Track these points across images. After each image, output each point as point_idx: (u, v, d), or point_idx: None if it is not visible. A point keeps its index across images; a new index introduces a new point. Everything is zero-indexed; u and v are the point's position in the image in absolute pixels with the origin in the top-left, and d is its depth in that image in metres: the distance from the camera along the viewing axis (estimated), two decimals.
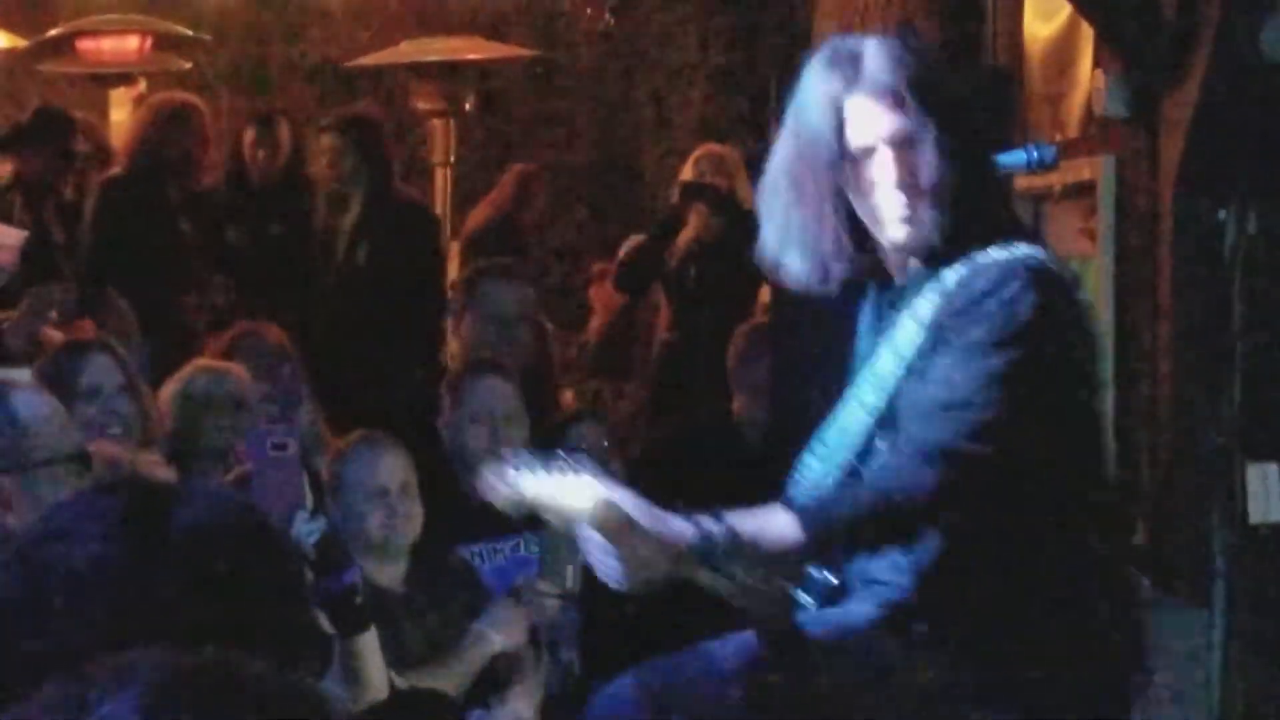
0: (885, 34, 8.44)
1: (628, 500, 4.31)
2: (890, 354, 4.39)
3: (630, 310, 10.80)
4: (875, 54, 4.37)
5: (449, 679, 6.17)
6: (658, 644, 6.60)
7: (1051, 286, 4.37)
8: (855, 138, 4.37)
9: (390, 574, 6.37)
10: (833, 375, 4.68)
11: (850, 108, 4.36)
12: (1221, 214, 7.05)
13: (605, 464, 7.45)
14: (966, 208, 4.39)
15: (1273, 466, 6.96)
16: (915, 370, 4.33)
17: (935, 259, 4.41)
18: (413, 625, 6.31)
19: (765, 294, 8.61)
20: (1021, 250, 4.38)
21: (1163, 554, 7.17)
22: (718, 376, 8.21)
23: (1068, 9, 8.03)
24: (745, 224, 9.52)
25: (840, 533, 4.33)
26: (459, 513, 6.64)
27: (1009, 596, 4.38)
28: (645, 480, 7.77)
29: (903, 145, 4.35)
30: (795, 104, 4.49)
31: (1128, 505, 7.02)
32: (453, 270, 9.96)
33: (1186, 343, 7.21)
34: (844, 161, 4.38)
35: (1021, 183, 7.44)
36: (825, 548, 4.33)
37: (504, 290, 7.70)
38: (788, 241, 4.51)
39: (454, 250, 10.58)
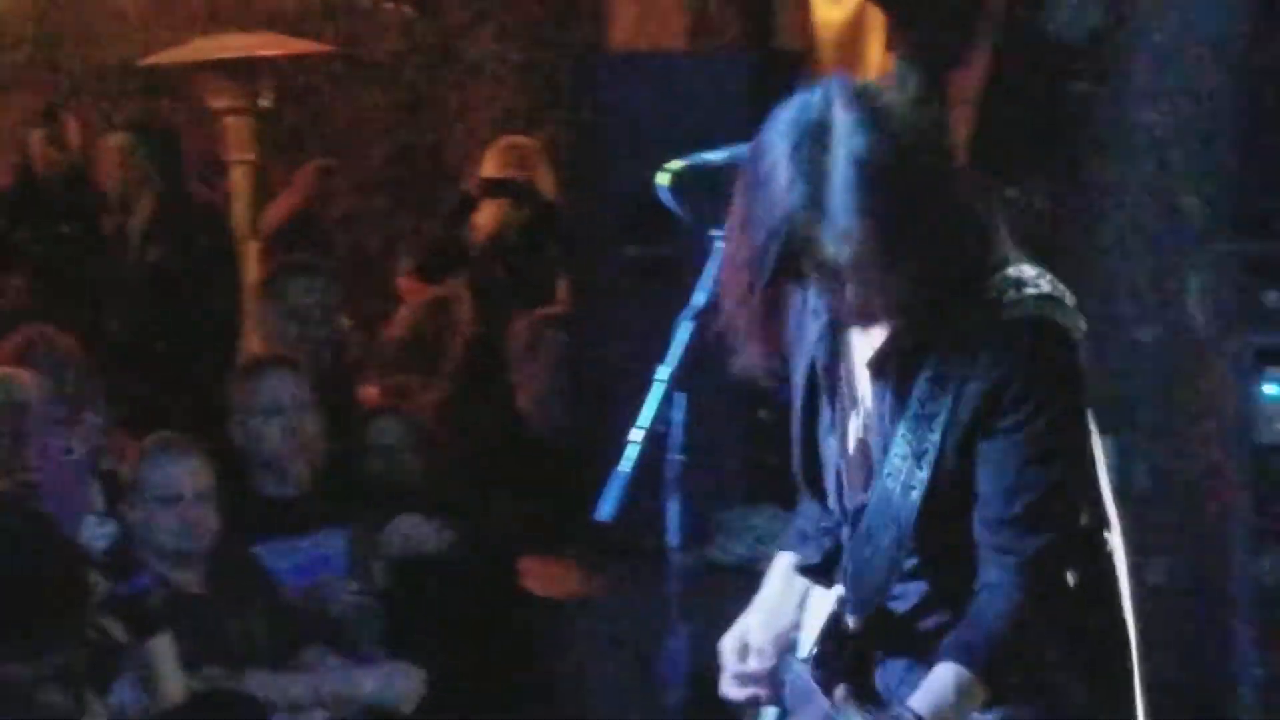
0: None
1: None
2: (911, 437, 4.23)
3: (437, 303, 10.79)
4: (842, 169, 4.07)
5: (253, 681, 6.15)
6: (460, 644, 6.65)
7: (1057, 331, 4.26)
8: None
9: (188, 577, 6.30)
10: (634, 367, 4.67)
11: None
12: (1011, 190, 7.15)
13: (408, 461, 7.52)
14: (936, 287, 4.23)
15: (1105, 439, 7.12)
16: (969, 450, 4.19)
17: None
18: (213, 627, 6.25)
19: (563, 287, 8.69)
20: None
21: None
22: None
23: None
24: (546, 215, 9.64)
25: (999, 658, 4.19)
26: (254, 512, 6.63)
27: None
28: (449, 475, 7.89)
29: (861, 275, 4.26)
30: (751, 174, 4.22)
31: None
32: (255, 268, 9.93)
33: None
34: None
35: None
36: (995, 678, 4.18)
37: (303, 286, 7.67)
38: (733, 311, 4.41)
39: (254, 249, 10.54)
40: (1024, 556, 4.09)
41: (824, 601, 4.38)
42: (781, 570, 4.53)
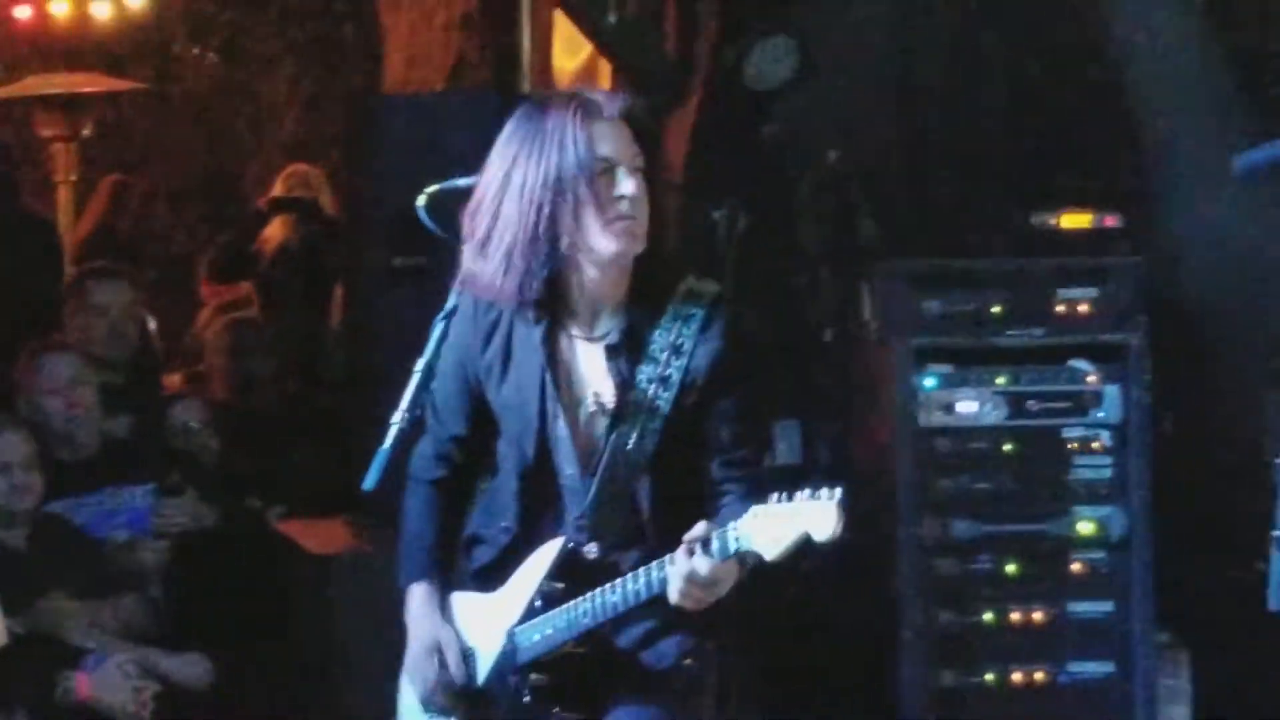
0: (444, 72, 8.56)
1: None
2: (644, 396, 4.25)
3: (233, 304, 10.67)
4: (605, 92, 4.27)
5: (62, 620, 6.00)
6: (239, 588, 6.51)
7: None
8: (602, 149, 4.15)
9: (14, 534, 6.14)
10: (398, 360, 4.58)
11: (598, 129, 4.14)
12: (716, 214, 7.17)
13: (205, 439, 7.40)
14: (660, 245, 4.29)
15: (794, 422, 7.16)
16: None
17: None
18: (35, 578, 6.07)
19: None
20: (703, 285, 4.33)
21: None
22: (304, 368, 8.24)
23: (589, 46, 8.09)
24: (326, 230, 9.55)
25: None
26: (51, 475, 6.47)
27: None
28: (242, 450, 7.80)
29: (639, 170, 4.19)
30: (507, 149, 4.24)
31: None
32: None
33: None
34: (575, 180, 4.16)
35: None
36: None
37: (104, 289, 7.51)
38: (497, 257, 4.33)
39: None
40: (753, 479, 4.17)
41: (535, 566, 4.29)
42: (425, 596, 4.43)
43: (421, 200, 4.59)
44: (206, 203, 12.95)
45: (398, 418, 4.38)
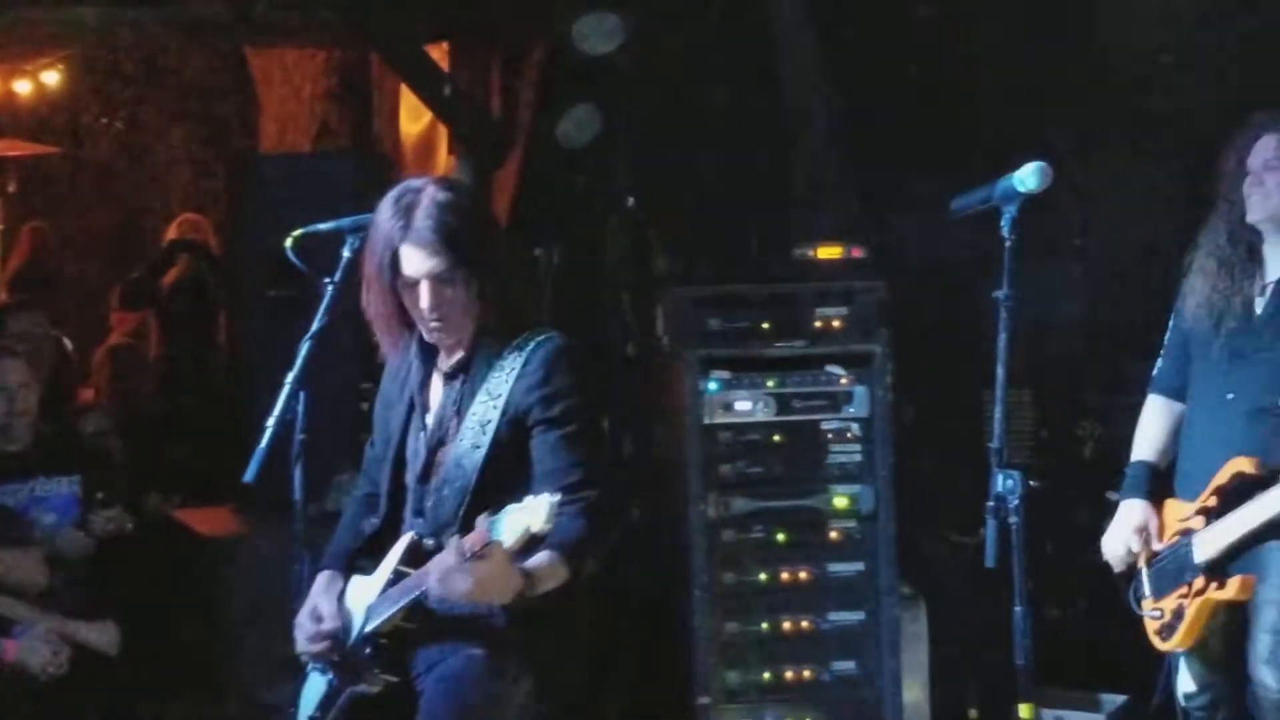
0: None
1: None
2: (475, 420, 4.30)
3: (136, 329, 10.57)
4: (426, 207, 4.24)
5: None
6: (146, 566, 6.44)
7: (576, 352, 4.39)
8: (406, 271, 4.26)
9: None
10: (272, 374, 4.58)
11: (403, 251, 4.24)
12: (536, 251, 7.17)
13: (110, 442, 7.32)
14: (495, 312, 4.32)
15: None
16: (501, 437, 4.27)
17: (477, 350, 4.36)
18: None
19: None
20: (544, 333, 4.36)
21: None
22: (196, 381, 8.17)
23: (429, 114, 8.09)
24: (213, 267, 9.49)
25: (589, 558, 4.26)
26: None
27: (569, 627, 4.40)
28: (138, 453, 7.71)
29: (438, 281, 4.25)
30: (370, 233, 4.33)
31: None
32: None
33: None
34: (398, 286, 4.28)
35: None
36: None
37: (23, 318, 7.44)
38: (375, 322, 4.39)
39: None
40: (584, 503, 4.19)
41: (392, 554, 4.35)
42: (325, 579, 4.49)
43: (289, 242, 4.63)
44: (112, 246, 12.80)
45: (271, 421, 4.42)
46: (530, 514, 3.91)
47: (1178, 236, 5.65)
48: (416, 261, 4.24)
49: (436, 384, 4.42)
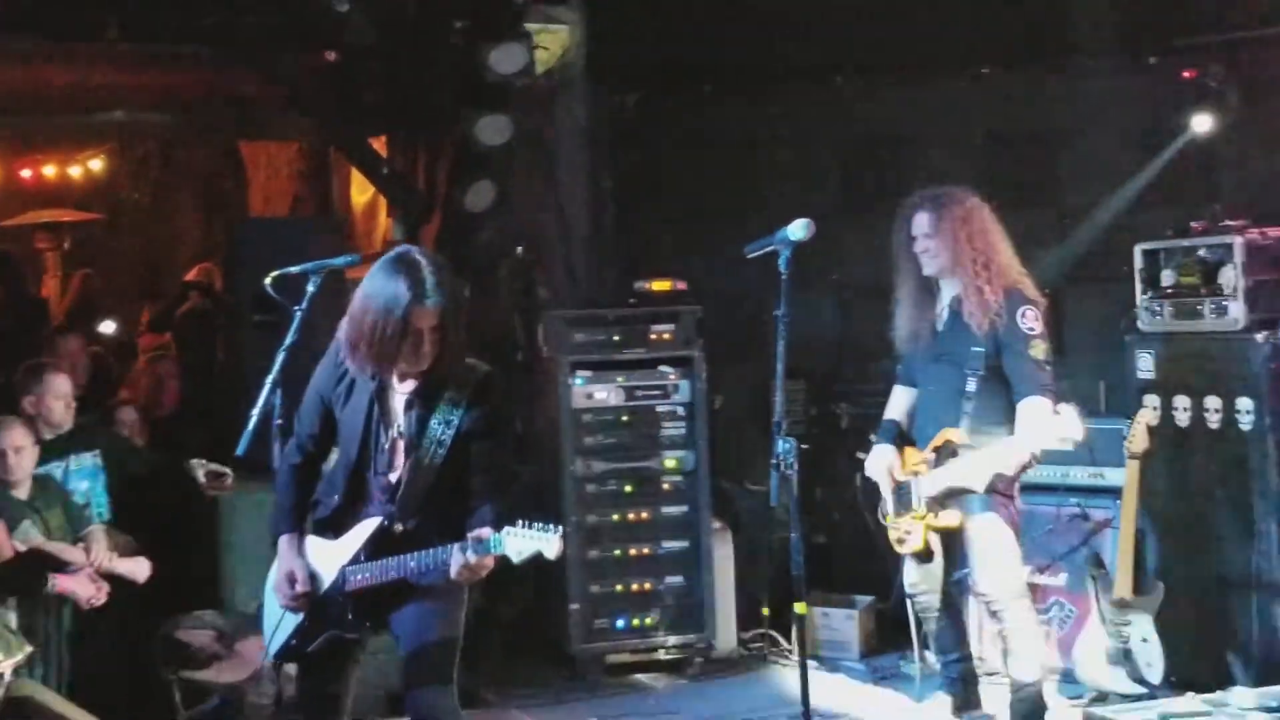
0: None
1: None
2: (433, 438, 4.17)
3: (161, 348, 10.33)
4: (428, 271, 4.06)
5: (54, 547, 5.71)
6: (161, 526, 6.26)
7: (498, 380, 4.29)
8: (418, 324, 4.07)
9: (20, 490, 5.71)
10: (258, 378, 4.47)
11: (415, 311, 4.05)
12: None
13: (135, 430, 7.11)
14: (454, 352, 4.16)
15: None
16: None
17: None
18: (29, 515, 5.66)
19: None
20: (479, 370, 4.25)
21: None
22: (204, 384, 8.01)
23: (372, 188, 8.00)
24: (216, 301, 9.31)
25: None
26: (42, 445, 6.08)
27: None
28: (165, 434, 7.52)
29: (434, 331, 4.09)
30: (370, 288, 4.10)
31: None
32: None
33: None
34: (404, 332, 4.07)
35: (353, 273, 7.32)
36: None
37: (70, 341, 7.23)
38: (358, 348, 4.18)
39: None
40: (497, 489, 4.15)
41: (361, 531, 4.23)
42: (287, 541, 4.30)
43: (268, 281, 4.56)
44: (141, 288, 12.54)
45: (256, 411, 4.35)
46: (546, 544, 3.91)
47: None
48: (428, 318, 4.06)
49: (394, 403, 4.23)
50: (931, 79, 7.45)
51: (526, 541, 3.91)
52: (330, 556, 4.28)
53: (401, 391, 4.23)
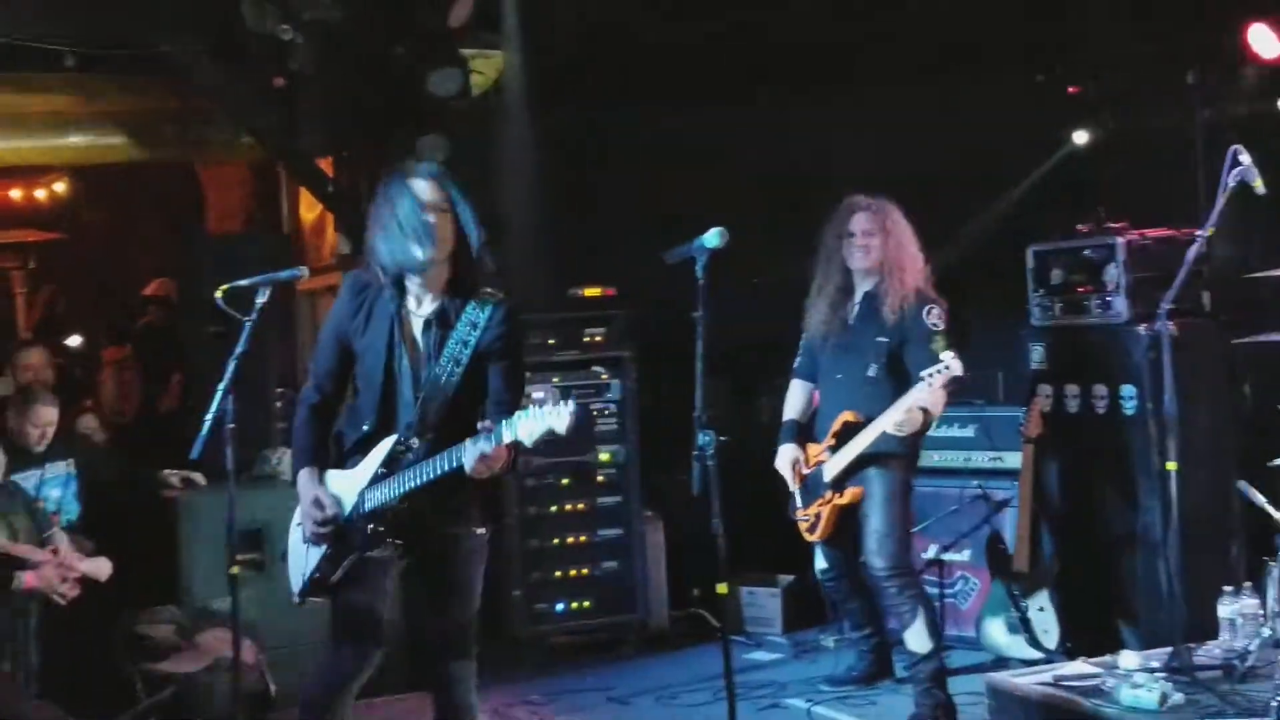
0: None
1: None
2: (450, 356, 4.08)
3: (122, 358, 10.20)
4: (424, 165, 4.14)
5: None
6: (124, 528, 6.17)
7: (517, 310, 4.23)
8: (423, 197, 4.10)
9: None
10: (211, 383, 4.42)
11: (418, 186, 4.09)
12: None
13: (98, 435, 7.03)
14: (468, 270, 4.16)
15: None
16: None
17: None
18: None
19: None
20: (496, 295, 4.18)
21: None
22: (163, 390, 7.93)
23: (320, 206, 7.95)
24: (173, 314, 9.21)
25: None
26: (15, 458, 6.00)
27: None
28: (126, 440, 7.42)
29: (450, 215, 4.13)
30: (384, 193, 4.11)
31: None
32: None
33: None
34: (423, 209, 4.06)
35: (303, 285, 7.28)
36: None
37: (34, 353, 7.05)
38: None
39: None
40: (513, 409, 3.95)
41: (377, 453, 4.11)
42: (307, 475, 4.21)
43: (219, 294, 4.51)
44: (101, 303, 12.39)
45: (208, 417, 4.31)
46: (556, 419, 3.75)
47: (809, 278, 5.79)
48: (432, 192, 4.05)
49: (413, 326, 4.14)
50: (849, 93, 7.49)
51: (537, 423, 3.76)
52: (350, 484, 4.15)
53: (420, 315, 4.14)
